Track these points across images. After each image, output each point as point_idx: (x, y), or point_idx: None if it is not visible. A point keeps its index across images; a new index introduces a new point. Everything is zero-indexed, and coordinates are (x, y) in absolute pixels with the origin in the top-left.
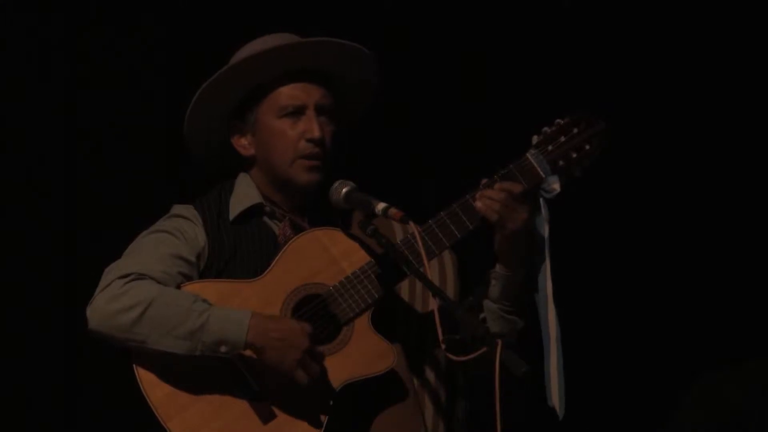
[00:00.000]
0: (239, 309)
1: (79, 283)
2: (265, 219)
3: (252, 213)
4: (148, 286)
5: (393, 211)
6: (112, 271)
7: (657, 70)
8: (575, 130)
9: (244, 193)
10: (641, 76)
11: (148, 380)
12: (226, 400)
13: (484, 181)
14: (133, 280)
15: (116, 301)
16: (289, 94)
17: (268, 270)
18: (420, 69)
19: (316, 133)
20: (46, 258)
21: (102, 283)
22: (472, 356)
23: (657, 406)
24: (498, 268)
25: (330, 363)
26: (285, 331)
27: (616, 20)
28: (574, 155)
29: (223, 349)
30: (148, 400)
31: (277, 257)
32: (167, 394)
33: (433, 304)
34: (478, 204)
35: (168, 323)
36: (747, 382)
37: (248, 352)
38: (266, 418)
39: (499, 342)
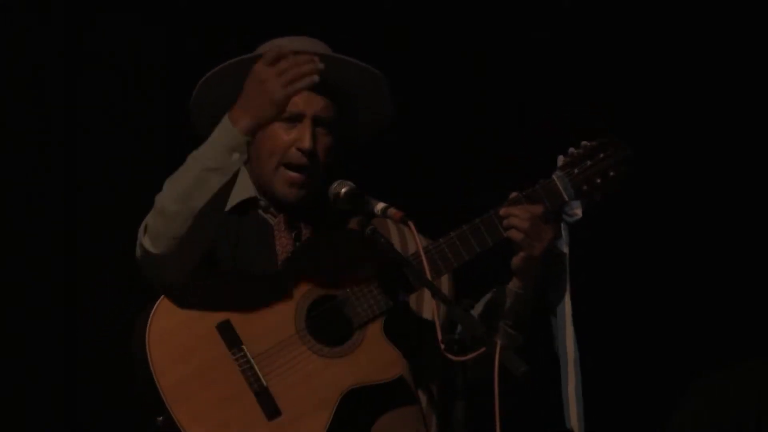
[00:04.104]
0: (256, 302)
1: (79, 283)
2: (260, 212)
3: (247, 205)
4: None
5: (392, 211)
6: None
7: (657, 70)
8: (601, 155)
9: (239, 186)
10: (641, 76)
11: (160, 366)
12: (234, 394)
13: (513, 195)
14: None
15: (147, 226)
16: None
17: (284, 266)
18: (420, 69)
19: (307, 144)
20: (46, 258)
21: (140, 232)
22: (471, 356)
23: (657, 407)
24: (512, 284)
25: (338, 366)
26: (248, 87)
27: (616, 20)
28: (598, 181)
29: (235, 157)
30: (157, 384)
31: (293, 255)
32: (177, 381)
33: (432, 305)
34: (505, 223)
35: (181, 189)
36: (746, 382)
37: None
38: (271, 414)
39: (499, 342)
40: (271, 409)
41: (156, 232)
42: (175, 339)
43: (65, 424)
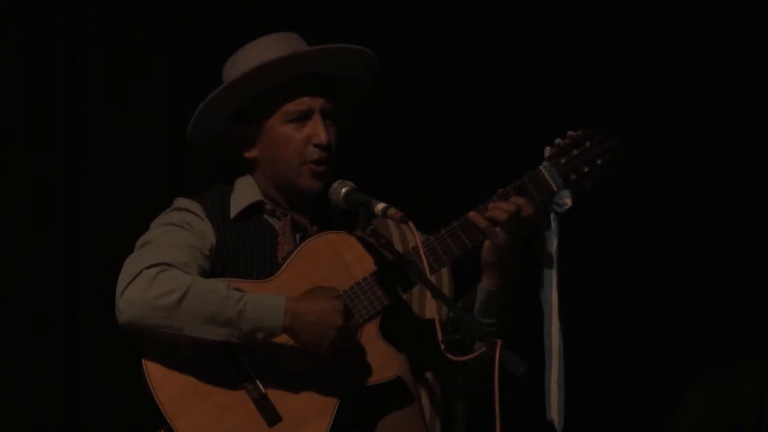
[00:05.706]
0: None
1: (79, 283)
2: (266, 217)
3: (252, 211)
4: (180, 274)
5: (392, 211)
6: (134, 262)
7: (653, 69)
8: (588, 144)
9: (245, 192)
10: (638, 75)
11: (156, 377)
12: (233, 401)
13: (501, 190)
14: (162, 270)
15: (151, 290)
16: (295, 99)
17: (280, 271)
18: (420, 69)
19: (323, 138)
20: (46, 258)
21: (128, 274)
22: (471, 356)
23: (657, 407)
24: (484, 282)
25: (337, 368)
26: (319, 314)
27: (616, 21)
28: (586, 169)
29: (260, 335)
30: (155, 396)
31: (290, 258)
32: (175, 391)
33: (431, 306)
34: (487, 215)
35: (206, 310)
36: (745, 382)
37: (284, 337)
38: (271, 420)
39: (499, 342)
40: (271, 415)
41: (137, 298)
42: (171, 351)
43: (65, 424)
